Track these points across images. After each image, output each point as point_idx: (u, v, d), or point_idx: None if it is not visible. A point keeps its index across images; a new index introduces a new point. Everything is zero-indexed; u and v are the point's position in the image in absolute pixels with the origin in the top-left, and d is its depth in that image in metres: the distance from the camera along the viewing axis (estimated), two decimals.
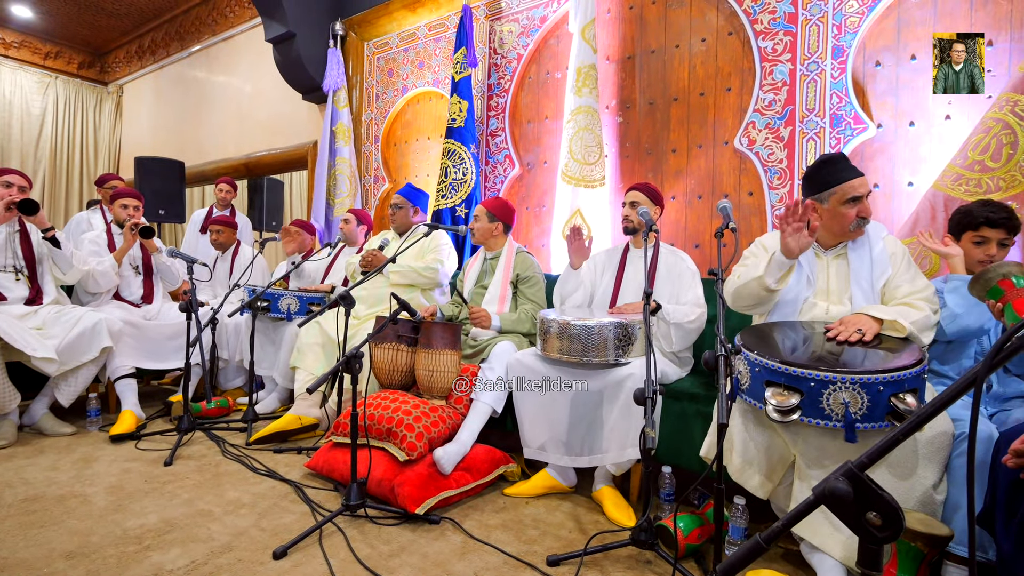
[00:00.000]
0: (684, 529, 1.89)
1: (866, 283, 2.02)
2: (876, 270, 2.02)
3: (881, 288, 2.02)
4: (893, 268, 2.02)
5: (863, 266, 2.04)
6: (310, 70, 5.26)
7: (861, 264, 2.04)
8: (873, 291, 2.01)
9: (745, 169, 3.38)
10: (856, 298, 2.01)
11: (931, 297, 1.93)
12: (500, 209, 3.12)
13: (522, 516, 2.22)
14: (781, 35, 3.25)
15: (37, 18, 7.48)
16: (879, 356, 1.68)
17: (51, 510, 2.15)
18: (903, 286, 1.98)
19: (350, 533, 2.01)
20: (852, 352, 1.73)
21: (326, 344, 3.30)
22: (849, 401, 1.54)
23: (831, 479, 0.78)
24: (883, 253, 2.04)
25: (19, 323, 2.96)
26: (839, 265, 2.11)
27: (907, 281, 1.99)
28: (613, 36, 3.90)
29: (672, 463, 2.26)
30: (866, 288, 2.01)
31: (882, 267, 2.02)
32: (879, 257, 2.03)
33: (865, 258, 2.05)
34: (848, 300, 2.03)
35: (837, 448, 1.69)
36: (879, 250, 2.04)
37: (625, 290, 2.74)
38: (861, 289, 2.02)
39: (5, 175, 3.17)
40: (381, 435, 2.33)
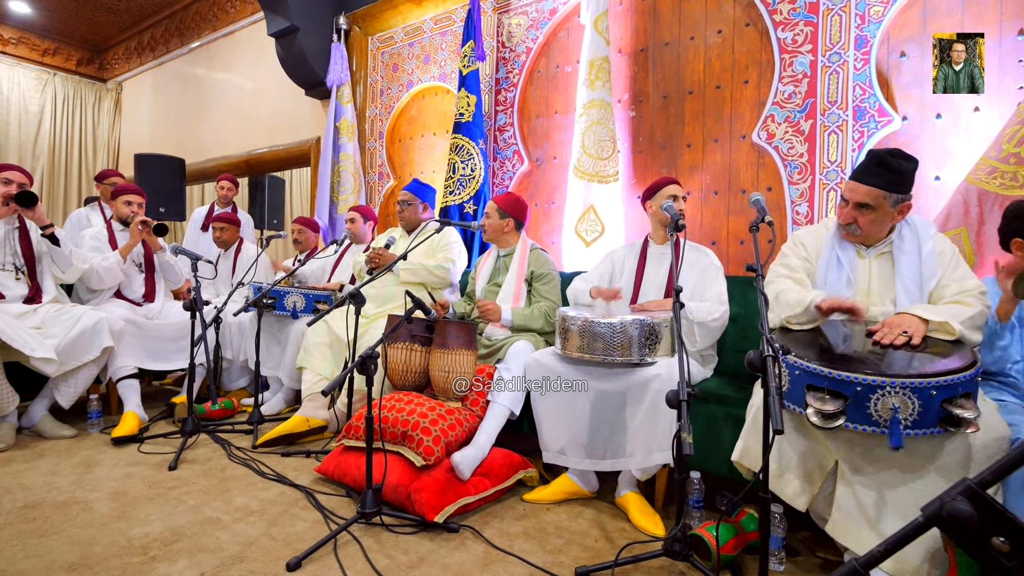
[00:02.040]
0: (719, 539, 1.79)
1: (912, 284, 1.89)
2: (925, 271, 1.89)
3: (930, 290, 1.90)
4: (943, 268, 1.90)
5: (910, 266, 1.91)
6: (313, 65, 5.16)
7: (908, 264, 1.92)
8: (920, 293, 1.89)
9: (763, 164, 3.29)
10: (901, 300, 1.89)
11: (981, 293, 1.82)
12: (511, 205, 3.02)
13: (544, 523, 2.13)
14: (801, 25, 3.16)
15: (35, 14, 7.37)
16: (928, 360, 1.58)
17: (52, 518, 2.05)
18: (951, 286, 1.86)
19: (366, 542, 1.91)
20: (898, 355, 1.64)
21: (333, 343, 3.20)
22: (899, 406, 1.45)
23: (946, 498, 0.68)
24: (932, 253, 1.91)
25: (18, 322, 2.86)
26: (882, 264, 1.99)
27: (955, 280, 1.87)
28: (625, 28, 3.81)
29: (700, 468, 2.16)
30: (912, 289, 1.89)
31: (932, 268, 1.89)
32: (928, 257, 1.90)
33: (913, 258, 1.92)
34: (892, 302, 1.92)
35: (882, 453, 1.60)
36: (928, 249, 1.91)
37: (646, 286, 2.65)
38: (906, 290, 1.89)
39: (5, 171, 3.06)
40: (396, 439, 2.24)
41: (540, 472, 2.53)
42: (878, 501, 1.59)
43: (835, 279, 2.00)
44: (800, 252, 2.16)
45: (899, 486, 1.58)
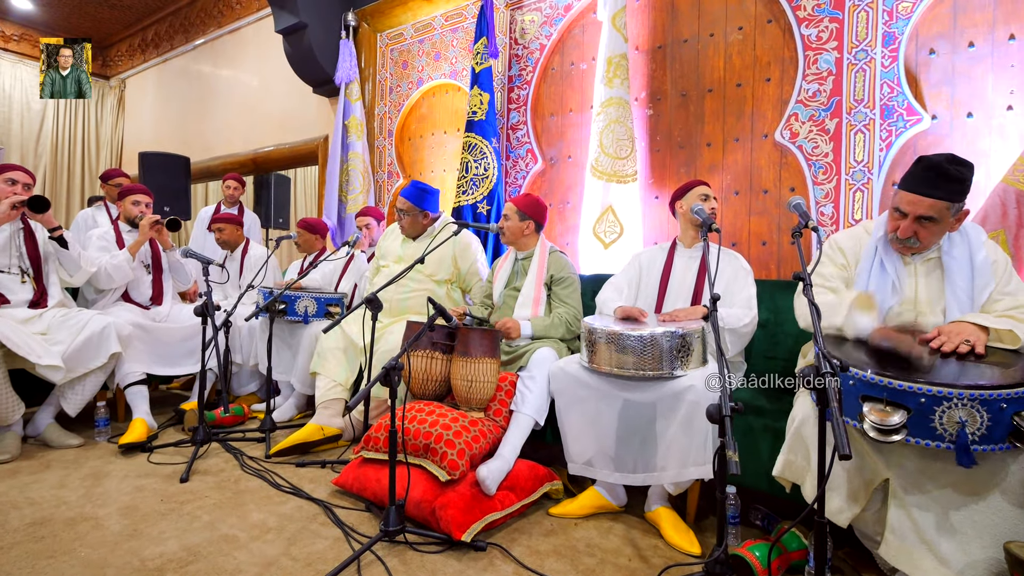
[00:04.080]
0: (761, 559, 1.71)
1: (964, 294, 1.80)
2: (978, 281, 1.80)
3: (981, 303, 1.80)
4: (996, 280, 1.80)
5: (962, 274, 1.81)
6: (321, 62, 5.07)
7: (960, 272, 1.82)
8: (972, 304, 1.80)
9: (786, 163, 3.21)
10: (951, 311, 1.80)
11: None
12: (531, 207, 2.93)
13: (574, 540, 2.04)
14: (826, 22, 3.07)
15: (38, 10, 7.28)
16: (993, 370, 1.50)
17: (60, 536, 1.97)
18: (1003, 300, 1.77)
19: (391, 563, 1.82)
20: (957, 366, 1.55)
21: (348, 348, 3.12)
22: (967, 420, 1.37)
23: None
24: (986, 261, 1.81)
25: (23, 328, 2.78)
26: (930, 271, 1.89)
27: (1008, 294, 1.78)
28: (643, 25, 3.72)
29: (735, 481, 2.08)
30: (963, 299, 1.79)
31: (984, 278, 1.80)
32: (982, 266, 1.81)
33: (965, 265, 1.82)
34: (942, 312, 1.82)
35: (940, 470, 1.52)
36: (982, 258, 1.82)
37: (671, 292, 2.56)
38: (957, 301, 1.80)
39: (9, 172, 2.98)
40: (418, 451, 2.15)
41: (565, 484, 2.45)
42: (937, 523, 1.50)
43: (879, 286, 1.90)
44: (838, 259, 2.07)
45: (959, 507, 1.49)
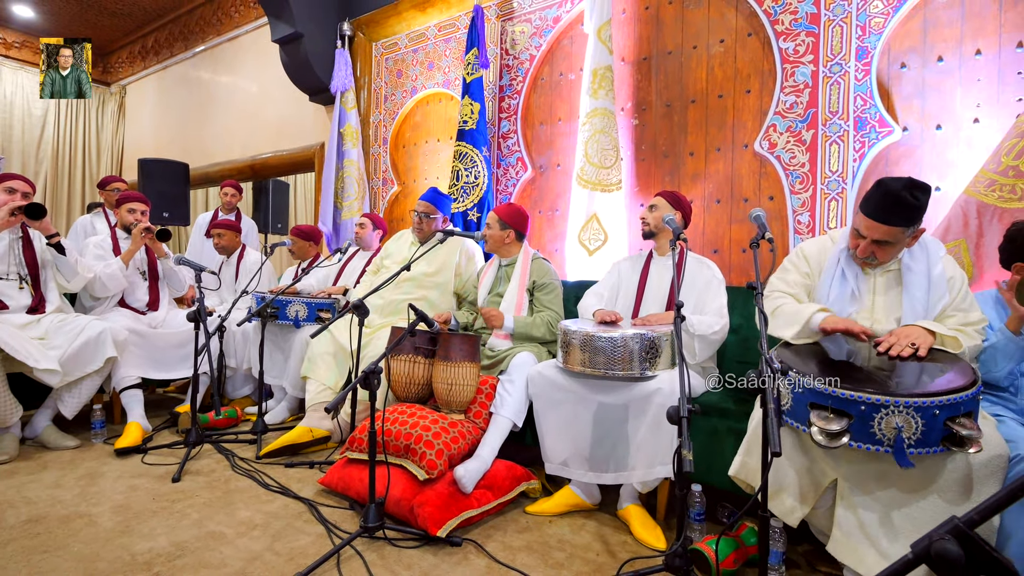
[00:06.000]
0: (720, 554, 1.80)
1: (920, 305, 1.88)
2: (934, 294, 1.89)
3: (935, 315, 1.89)
4: (951, 295, 1.89)
5: (919, 287, 1.90)
6: (317, 71, 5.17)
7: (918, 284, 1.91)
8: (926, 315, 1.88)
9: (765, 173, 3.30)
10: (907, 320, 1.89)
11: (984, 331, 1.84)
12: (512, 216, 3.03)
13: (547, 537, 2.13)
14: (803, 36, 3.17)
15: (39, 18, 7.40)
16: (932, 372, 1.59)
17: (55, 532, 2.06)
18: (956, 316, 1.87)
19: (369, 557, 1.92)
20: (905, 368, 1.64)
21: (338, 353, 3.21)
22: (903, 425, 1.46)
23: (935, 537, 0.69)
24: (942, 276, 1.90)
25: (21, 333, 2.87)
26: (889, 281, 1.99)
27: (961, 311, 1.87)
28: (628, 37, 3.82)
29: (701, 481, 2.17)
30: (919, 310, 1.88)
31: (940, 291, 1.89)
32: (938, 280, 1.90)
33: (923, 278, 1.91)
34: (896, 321, 1.92)
35: (883, 472, 1.61)
36: (938, 272, 1.90)
37: (647, 299, 2.66)
38: (913, 311, 1.89)
39: (8, 181, 3.08)
40: (399, 452, 2.25)
41: (543, 483, 2.54)
42: (879, 521, 1.60)
43: (839, 294, 2.00)
44: (802, 267, 2.16)
45: (901, 506, 1.59)
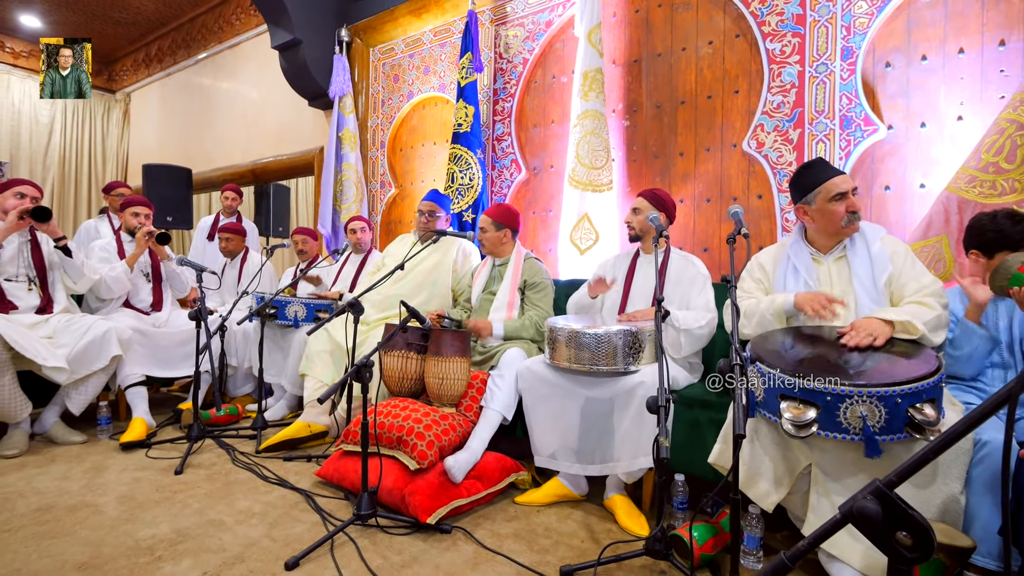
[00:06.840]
0: (699, 539, 1.86)
1: (868, 282, 2.02)
2: (876, 268, 2.02)
3: (886, 287, 2.00)
4: (895, 266, 2.01)
5: (863, 266, 2.04)
6: (316, 76, 5.27)
7: (861, 264, 2.05)
8: (876, 290, 2.00)
9: (754, 172, 3.36)
10: (860, 299, 2.00)
11: (939, 292, 1.92)
12: (504, 215, 3.10)
13: (534, 525, 2.21)
14: (789, 37, 3.23)
15: (45, 28, 7.54)
16: (895, 362, 1.65)
17: (63, 520, 2.15)
18: (910, 283, 1.97)
19: (361, 543, 1.99)
20: (869, 358, 1.71)
21: (335, 351, 3.29)
22: (867, 414, 1.52)
23: (858, 498, 0.76)
24: (882, 252, 2.04)
25: (30, 332, 2.97)
26: (840, 268, 2.11)
27: (913, 278, 1.97)
28: (619, 40, 3.89)
29: (685, 471, 2.24)
30: (869, 287, 2.01)
31: (882, 265, 2.02)
32: (878, 256, 2.03)
33: (864, 258, 2.05)
34: (852, 302, 2.03)
35: (854, 459, 1.67)
36: (877, 249, 2.05)
37: (634, 296, 2.72)
38: (864, 289, 2.01)
39: (18, 186, 3.18)
40: (391, 443, 2.32)
41: (533, 475, 2.61)
42: None
43: (793, 284, 2.13)
44: (755, 274, 2.31)
45: None
